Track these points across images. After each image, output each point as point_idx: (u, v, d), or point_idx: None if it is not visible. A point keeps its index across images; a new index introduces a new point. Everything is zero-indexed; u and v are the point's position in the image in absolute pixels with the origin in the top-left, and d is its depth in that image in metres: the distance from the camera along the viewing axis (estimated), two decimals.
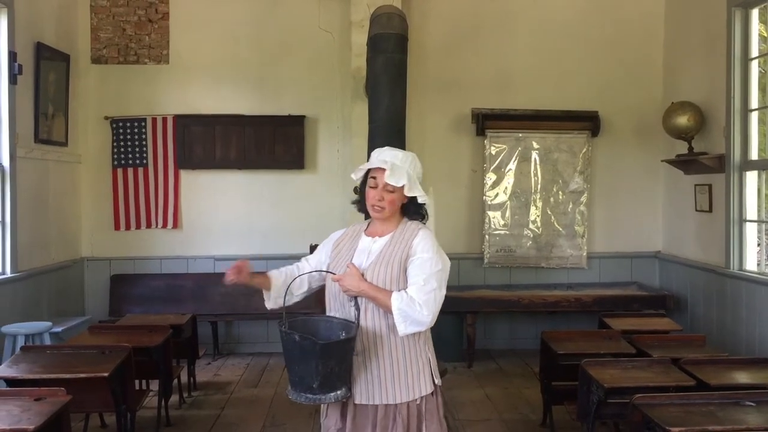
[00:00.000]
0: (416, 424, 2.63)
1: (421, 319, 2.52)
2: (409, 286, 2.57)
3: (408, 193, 2.64)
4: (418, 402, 2.64)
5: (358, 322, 2.56)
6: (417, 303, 2.52)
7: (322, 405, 2.69)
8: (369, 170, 2.71)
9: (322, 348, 2.43)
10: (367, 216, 2.80)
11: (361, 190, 2.78)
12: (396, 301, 2.52)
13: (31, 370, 3.75)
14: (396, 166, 2.63)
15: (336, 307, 2.69)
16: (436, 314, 2.57)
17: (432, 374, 2.69)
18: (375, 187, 2.66)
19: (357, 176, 2.77)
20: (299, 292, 2.80)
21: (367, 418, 2.62)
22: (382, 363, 2.61)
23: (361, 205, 2.80)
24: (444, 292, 2.61)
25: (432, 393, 2.68)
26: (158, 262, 6.97)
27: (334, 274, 2.66)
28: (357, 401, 2.62)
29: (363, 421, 2.63)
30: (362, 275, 2.60)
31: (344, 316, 2.63)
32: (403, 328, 2.53)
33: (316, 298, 2.91)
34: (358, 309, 2.58)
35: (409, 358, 2.63)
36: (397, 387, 2.61)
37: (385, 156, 2.68)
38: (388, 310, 2.55)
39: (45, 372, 3.71)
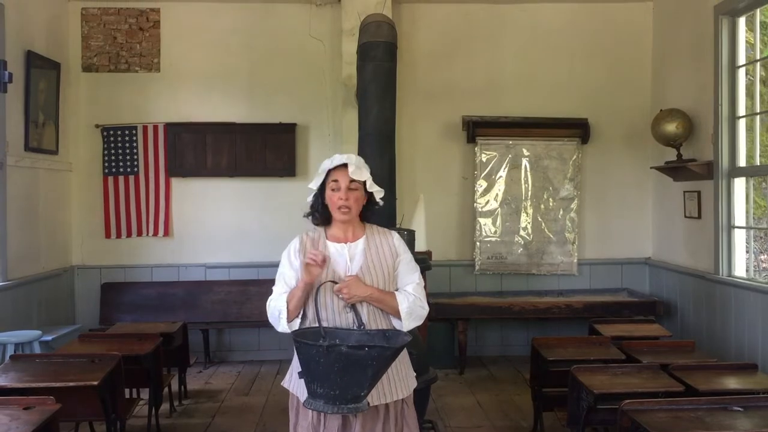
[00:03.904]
0: (403, 417, 2.72)
1: (422, 314, 2.69)
2: (406, 285, 2.70)
3: (370, 188, 2.70)
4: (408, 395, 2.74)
5: (364, 326, 2.58)
6: (418, 299, 2.68)
7: (320, 418, 2.63)
8: (326, 178, 2.70)
9: (394, 353, 2.44)
10: (319, 225, 2.78)
11: (319, 200, 2.74)
12: (403, 301, 2.64)
13: (20, 378, 3.73)
14: (354, 162, 2.68)
15: (324, 316, 2.61)
16: None
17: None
18: (338, 189, 2.67)
19: (317, 184, 2.72)
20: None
21: (376, 419, 2.63)
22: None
23: (319, 214, 2.75)
24: None
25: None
26: (149, 270, 6.96)
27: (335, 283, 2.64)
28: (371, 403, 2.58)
29: (371, 423, 2.63)
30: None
31: (335, 325, 2.61)
32: (407, 324, 2.64)
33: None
34: (358, 314, 2.59)
35: (403, 354, 2.71)
36: (402, 383, 2.69)
37: (341, 156, 2.70)
38: (392, 310, 2.63)
39: (34, 381, 3.69)
